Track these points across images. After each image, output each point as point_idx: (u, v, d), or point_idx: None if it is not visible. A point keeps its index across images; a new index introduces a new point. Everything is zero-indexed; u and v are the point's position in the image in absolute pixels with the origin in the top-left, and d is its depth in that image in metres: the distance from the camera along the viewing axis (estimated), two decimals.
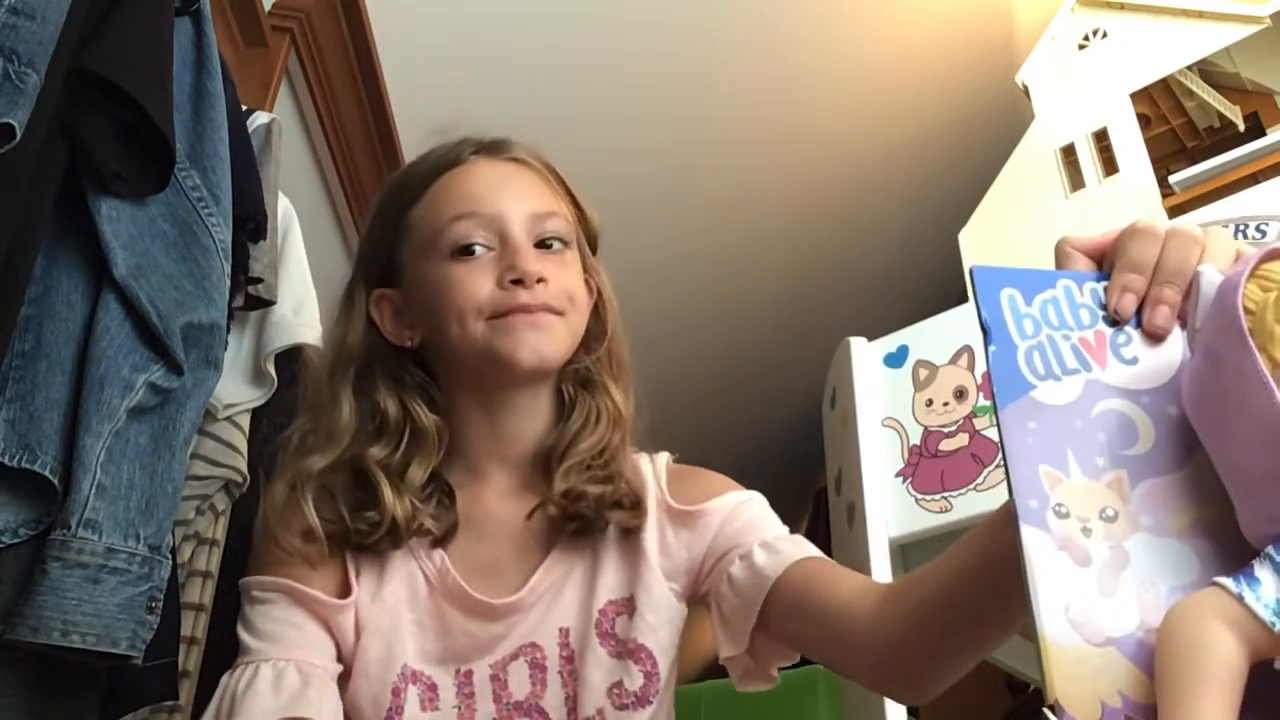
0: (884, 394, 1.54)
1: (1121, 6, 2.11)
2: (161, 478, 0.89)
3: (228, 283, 1.01)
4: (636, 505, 0.80)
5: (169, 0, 0.98)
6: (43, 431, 0.81)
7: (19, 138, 0.72)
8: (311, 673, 0.72)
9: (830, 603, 0.71)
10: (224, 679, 0.73)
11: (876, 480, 1.49)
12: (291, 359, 1.32)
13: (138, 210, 0.91)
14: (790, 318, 3.28)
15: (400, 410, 0.80)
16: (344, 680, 0.75)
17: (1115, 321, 0.52)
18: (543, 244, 0.81)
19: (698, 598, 0.81)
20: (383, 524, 0.76)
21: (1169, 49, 1.99)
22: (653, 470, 0.84)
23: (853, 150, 2.85)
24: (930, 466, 1.47)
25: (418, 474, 0.78)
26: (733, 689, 0.84)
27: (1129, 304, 0.52)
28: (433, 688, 0.75)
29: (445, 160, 0.84)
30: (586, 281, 0.85)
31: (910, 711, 1.32)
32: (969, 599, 0.63)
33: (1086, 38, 2.16)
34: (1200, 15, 1.96)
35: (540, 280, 0.78)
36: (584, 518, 0.78)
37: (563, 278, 0.80)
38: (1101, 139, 1.99)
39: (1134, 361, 0.51)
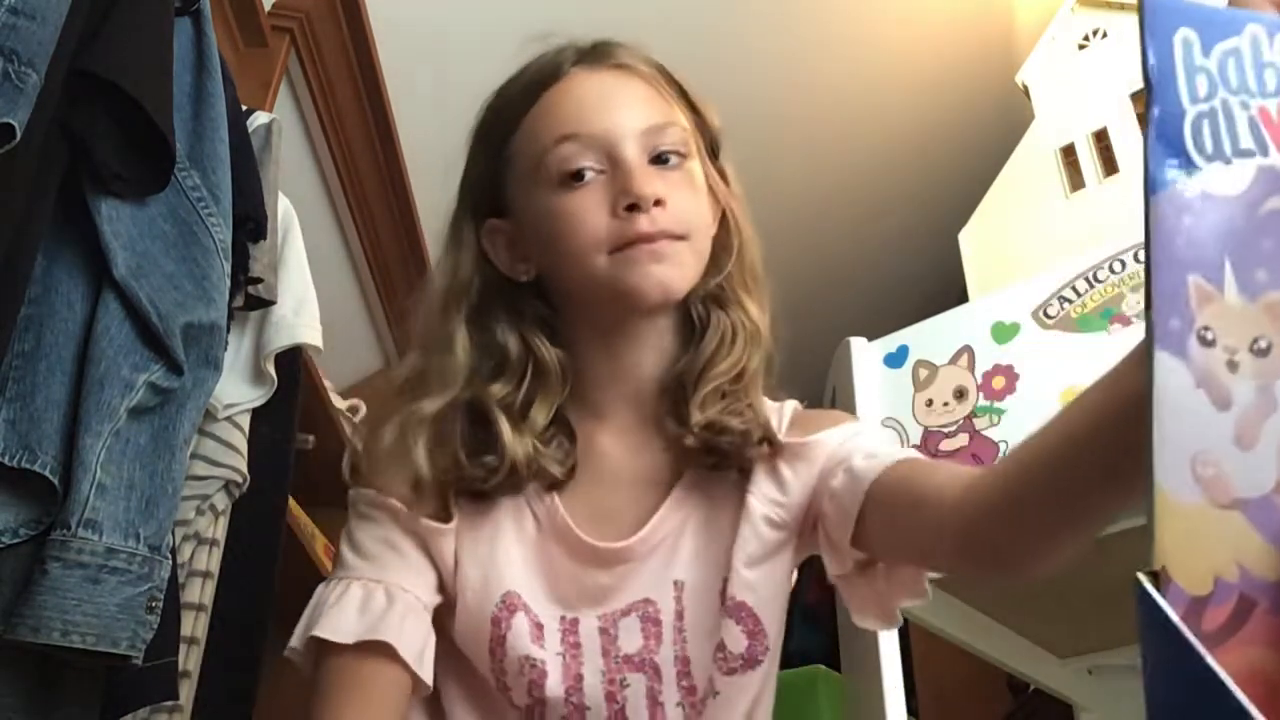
0: (884, 394, 1.53)
1: (1121, 6, 2.11)
2: (161, 478, 0.89)
3: (228, 283, 1.01)
4: (771, 441, 0.75)
5: (169, 0, 0.98)
6: (43, 431, 0.81)
7: (19, 138, 0.72)
8: (400, 598, 0.69)
9: (926, 488, 0.66)
10: (319, 590, 0.71)
11: None
12: (291, 359, 1.32)
13: (138, 210, 0.91)
14: (790, 318, 3.28)
15: (521, 346, 0.75)
16: (450, 611, 0.72)
17: None
18: (659, 159, 0.74)
19: (810, 534, 0.75)
20: (501, 469, 0.71)
21: None
22: (778, 417, 0.79)
23: (852, 150, 2.85)
24: None
25: (541, 413, 0.73)
26: None
27: None
28: (539, 626, 0.71)
29: (542, 75, 0.78)
30: (711, 190, 0.79)
31: (909, 711, 1.32)
32: (1073, 463, 0.55)
33: (1086, 38, 2.16)
34: None
35: (658, 203, 0.71)
36: (724, 453, 0.73)
37: (684, 197, 0.74)
38: (1101, 139, 1.99)
39: None
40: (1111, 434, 0.50)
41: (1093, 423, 0.52)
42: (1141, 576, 0.35)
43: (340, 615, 0.68)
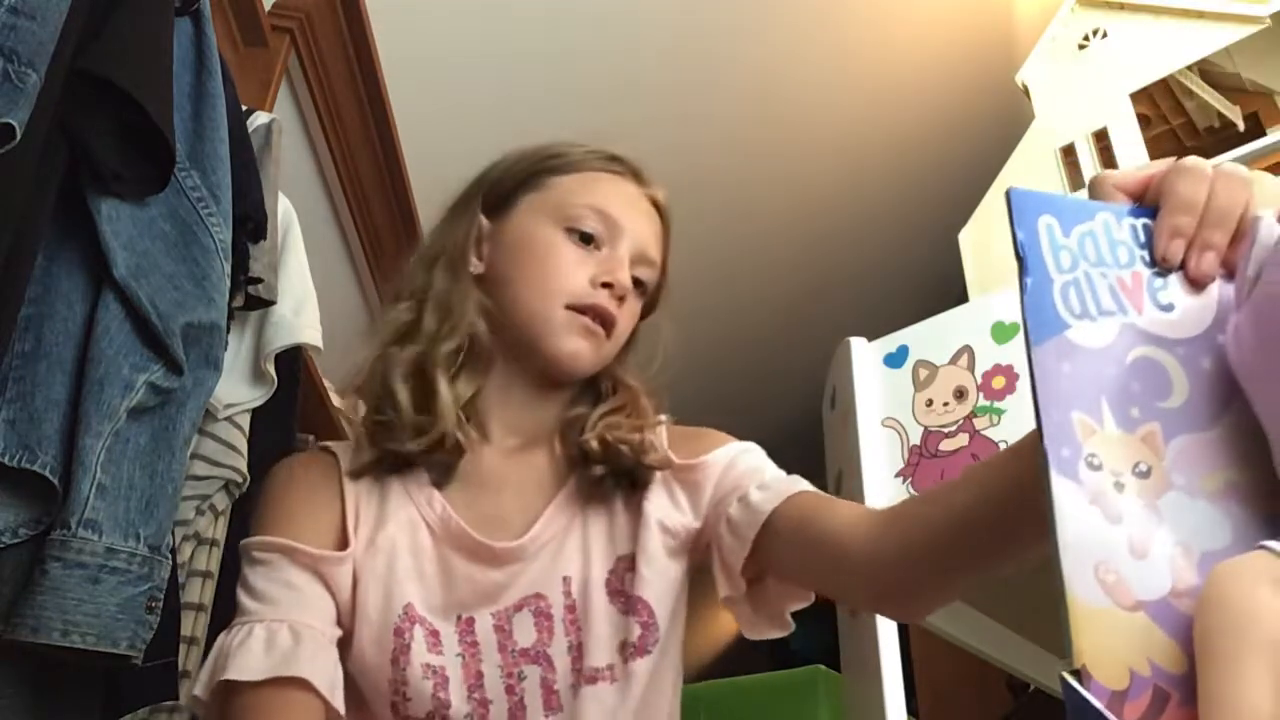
0: (884, 394, 1.53)
1: (1121, 6, 2.11)
2: (161, 478, 0.89)
3: (228, 283, 1.01)
4: (659, 453, 0.83)
5: (169, 0, 0.98)
6: (43, 431, 0.81)
7: (19, 138, 0.72)
8: (305, 633, 0.72)
9: (827, 529, 0.72)
10: (220, 637, 0.73)
11: (876, 480, 1.49)
12: (291, 359, 1.32)
13: (138, 210, 0.91)
14: (790, 318, 3.28)
15: (470, 321, 0.84)
16: (348, 639, 0.76)
17: (1158, 264, 0.49)
18: (635, 280, 0.87)
19: (703, 554, 0.82)
20: (430, 428, 0.79)
21: (1169, 49, 1.99)
22: (655, 436, 0.86)
23: (853, 150, 2.85)
24: (930, 467, 1.47)
25: (465, 390, 0.82)
26: (733, 689, 0.84)
27: (1178, 249, 0.49)
28: (435, 634, 0.76)
29: (604, 161, 0.91)
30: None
31: (909, 711, 1.32)
32: (980, 532, 0.61)
33: (1086, 38, 2.16)
34: (1200, 15, 1.96)
35: (621, 300, 0.84)
36: (619, 462, 0.81)
37: (630, 312, 0.87)
38: (1101, 139, 1.99)
39: (1169, 308, 0.48)
40: (1015, 513, 0.57)
41: (997, 504, 0.59)
42: (1065, 675, 0.39)
43: (247, 656, 0.70)
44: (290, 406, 1.34)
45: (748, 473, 0.81)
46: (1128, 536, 0.42)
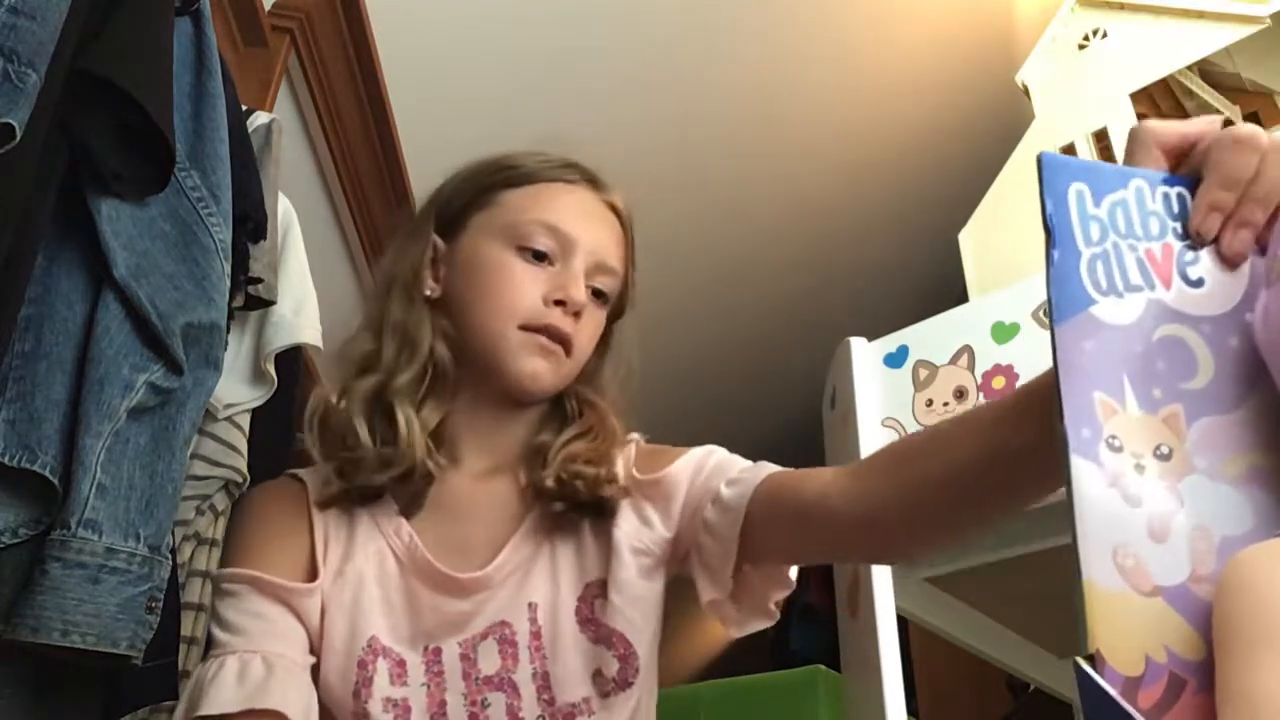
0: (884, 394, 1.53)
1: (1121, 6, 2.11)
2: (161, 478, 0.89)
3: (228, 283, 1.01)
4: (619, 484, 0.82)
5: (169, 0, 0.98)
6: (42, 431, 0.81)
7: (19, 138, 0.72)
8: (277, 663, 0.72)
9: (807, 499, 0.73)
10: (194, 671, 0.74)
11: None
12: (291, 359, 1.32)
13: (138, 210, 0.91)
14: (790, 318, 3.28)
15: (429, 348, 0.83)
16: (317, 669, 0.76)
17: (1191, 237, 0.47)
18: (594, 290, 0.86)
19: (682, 564, 0.82)
20: (397, 460, 0.78)
21: (1169, 49, 1.99)
22: (622, 456, 0.86)
23: (852, 150, 2.85)
24: None
25: (431, 417, 0.81)
26: (733, 689, 0.84)
27: (1214, 223, 0.47)
28: (401, 664, 0.76)
29: (556, 170, 0.88)
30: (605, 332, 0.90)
31: (910, 711, 1.32)
32: (982, 486, 0.61)
33: (1086, 38, 2.16)
34: (1200, 15, 1.96)
35: (577, 314, 0.82)
36: (577, 497, 0.80)
37: (589, 325, 0.85)
38: (1101, 139, 1.99)
39: (1199, 284, 0.47)
40: (1016, 469, 0.57)
41: (1000, 459, 0.58)
42: (1079, 660, 0.38)
43: (220, 689, 0.71)
44: (290, 406, 1.34)
45: (714, 473, 0.81)
46: (1147, 519, 0.41)
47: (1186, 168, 0.50)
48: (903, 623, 1.32)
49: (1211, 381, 0.45)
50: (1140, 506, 0.41)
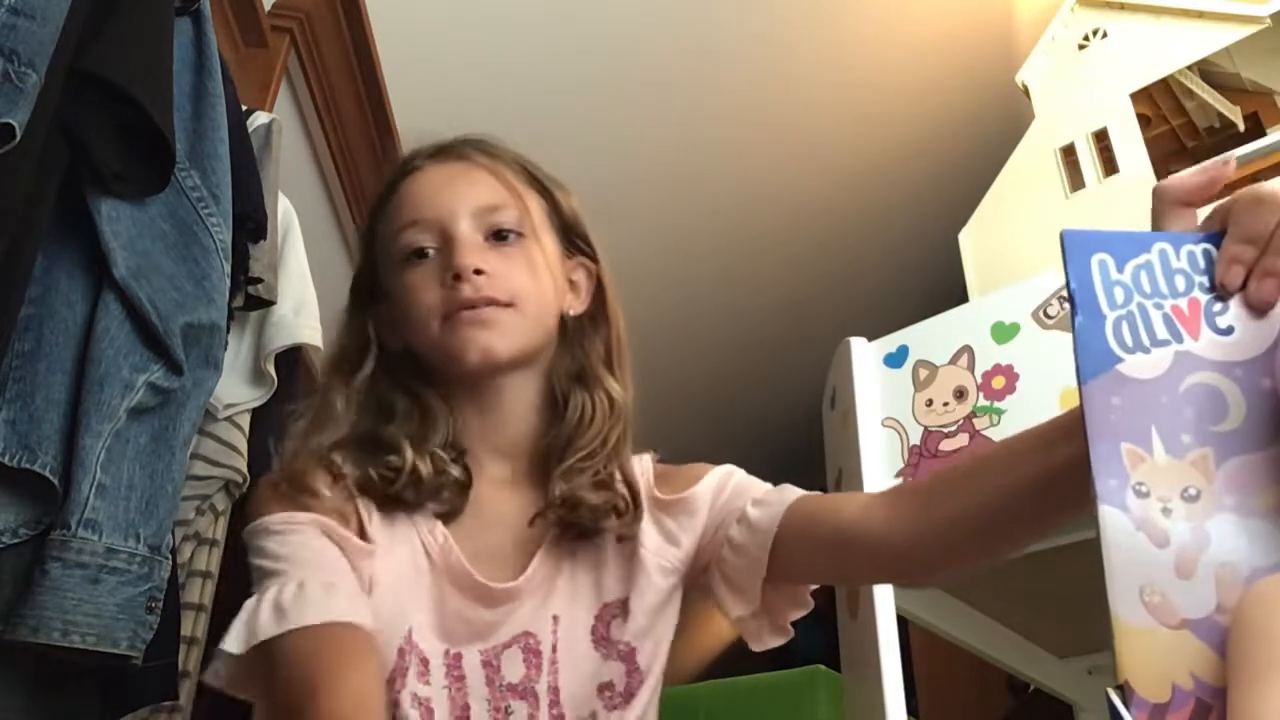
0: (884, 394, 1.53)
1: (1121, 6, 2.11)
2: (161, 478, 0.89)
3: (228, 283, 1.01)
4: (633, 510, 0.80)
5: (169, 0, 0.98)
6: (43, 431, 0.81)
7: (19, 138, 0.72)
8: (342, 585, 0.69)
9: (842, 523, 0.74)
10: (250, 603, 0.68)
11: (876, 480, 1.49)
12: (291, 359, 1.32)
13: (138, 210, 0.91)
14: (790, 318, 3.28)
15: (409, 398, 0.81)
16: None
17: (1217, 289, 0.50)
18: (497, 235, 0.81)
19: (698, 577, 0.82)
20: (404, 472, 0.75)
21: (1169, 49, 1.99)
22: (640, 469, 0.85)
23: (852, 150, 2.85)
24: (930, 466, 1.46)
25: (436, 440, 0.79)
26: (733, 689, 0.85)
27: (1238, 275, 0.50)
28: (425, 662, 0.74)
29: (399, 171, 0.86)
30: (583, 269, 0.86)
31: (909, 711, 1.32)
32: (1014, 512, 0.64)
33: (1086, 38, 2.16)
34: (1200, 15, 1.96)
35: (479, 272, 0.77)
36: (581, 525, 0.79)
37: (509, 269, 0.79)
38: (1101, 139, 1.99)
39: (1229, 331, 0.49)
40: (1045, 495, 0.60)
41: (1026, 489, 0.62)
42: (1110, 691, 0.41)
43: (307, 607, 0.66)
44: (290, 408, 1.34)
45: (738, 493, 0.81)
46: (1174, 558, 0.44)
47: (1210, 225, 0.52)
48: (903, 623, 1.32)
49: (1243, 423, 0.47)
50: (1167, 546, 0.44)
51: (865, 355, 1.57)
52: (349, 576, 0.71)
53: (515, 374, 0.82)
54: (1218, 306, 0.49)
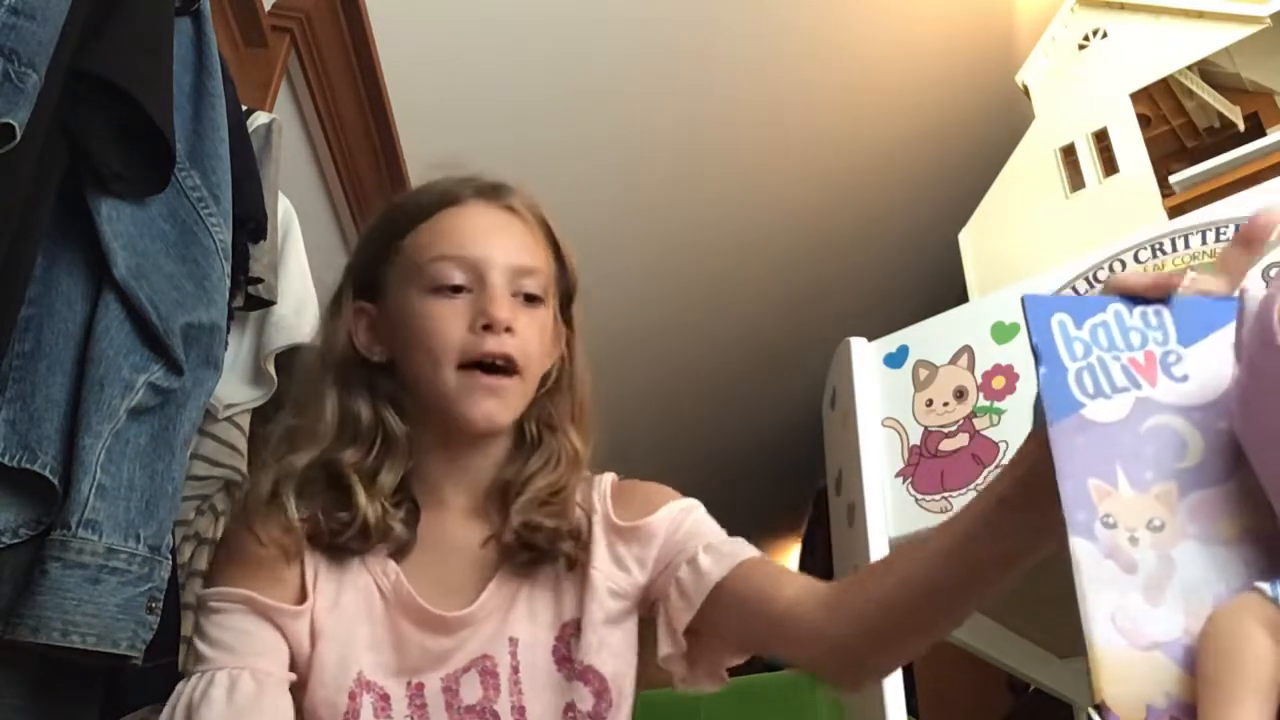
0: (884, 394, 1.53)
1: (1121, 6, 2.11)
2: (161, 478, 0.89)
3: (228, 283, 1.01)
4: (589, 534, 0.83)
5: (169, 0, 0.98)
6: (43, 431, 0.81)
7: (19, 138, 0.72)
8: (266, 680, 0.73)
9: (777, 600, 0.75)
10: (179, 686, 0.74)
11: (876, 480, 1.49)
12: (291, 359, 1.32)
13: (138, 210, 0.91)
14: (790, 318, 3.28)
15: (373, 416, 0.83)
16: (299, 688, 0.77)
17: (1149, 295, 0.54)
18: (522, 295, 0.84)
19: (649, 606, 0.84)
20: (354, 524, 0.79)
21: (1169, 49, 2.00)
22: (598, 492, 0.87)
23: (853, 150, 2.85)
24: (930, 467, 1.47)
25: (388, 480, 0.81)
26: (733, 689, 0.84)
27: (1174, 280, 0.53)
28: (385, 698, 0.77)
29: (446, 197, 0.87)
30: (566, 332, 0.90)
31: (909, 711, 1.32)
32: (927, 605, 0.67)
33: (1086, 38, 2.16)
34: (1200, 15, 1.96)
35: (509, 329, 0.80)
36: (537, 549, 0.81)
37: (531, 331, 0.83)
38: (1101, 139, 1.99)
39: (1185, 379, 0.52)
40: (966, 582, 0.64)
41: (950, 576, 0.65)
42: (1090, 710, 0.45)
43: (209, 708, 0.71)
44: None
45: (693, 534, 0.82)
46: (1143, 584, 0.47)
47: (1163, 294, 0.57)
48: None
49: (1202, 460, 0.50)
50: (1135, 573, 0.47)
51: (865, 355, 1.57)
52: (276, 653, 0.76)
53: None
54: (1172, 356, 0.53)
